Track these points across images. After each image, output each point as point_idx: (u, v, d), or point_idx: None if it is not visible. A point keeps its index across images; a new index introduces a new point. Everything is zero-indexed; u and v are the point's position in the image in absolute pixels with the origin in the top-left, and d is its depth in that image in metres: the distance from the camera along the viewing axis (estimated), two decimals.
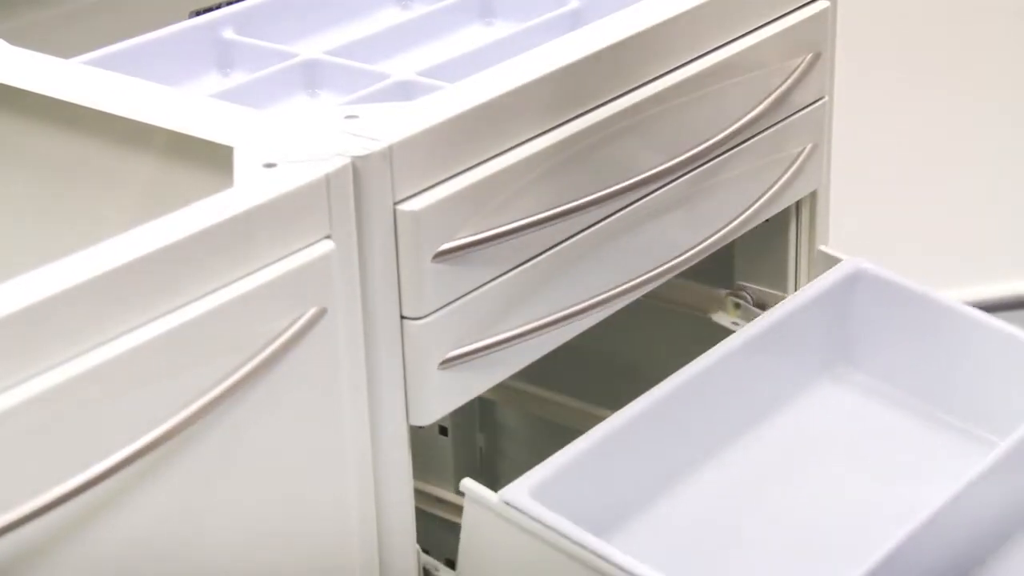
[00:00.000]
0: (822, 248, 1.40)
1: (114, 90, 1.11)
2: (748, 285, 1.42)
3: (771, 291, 1.42)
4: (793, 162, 1.33)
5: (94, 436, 0.90)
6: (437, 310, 1.08)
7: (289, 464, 1.02)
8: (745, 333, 1.30)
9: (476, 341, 1.11)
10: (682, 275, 1.29)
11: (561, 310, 1.16)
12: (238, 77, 1.27)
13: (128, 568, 0.94)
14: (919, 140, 2.37)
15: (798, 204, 1.40)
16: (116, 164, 1.10)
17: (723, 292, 1.44)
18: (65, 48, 1.22)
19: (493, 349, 1.12)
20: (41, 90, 1.11)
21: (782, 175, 1.32)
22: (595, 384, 1.49)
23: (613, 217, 1.18)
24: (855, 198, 1.89)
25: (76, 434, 0.89)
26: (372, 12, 1.38)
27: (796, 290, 1.40)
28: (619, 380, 1.40)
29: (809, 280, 1.40)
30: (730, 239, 1.29)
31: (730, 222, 1.28)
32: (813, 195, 1.40)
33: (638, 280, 1.21)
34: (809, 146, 1.34)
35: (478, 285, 1.10)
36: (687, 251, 1.25)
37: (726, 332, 1.36)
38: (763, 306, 1.41)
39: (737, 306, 1.43)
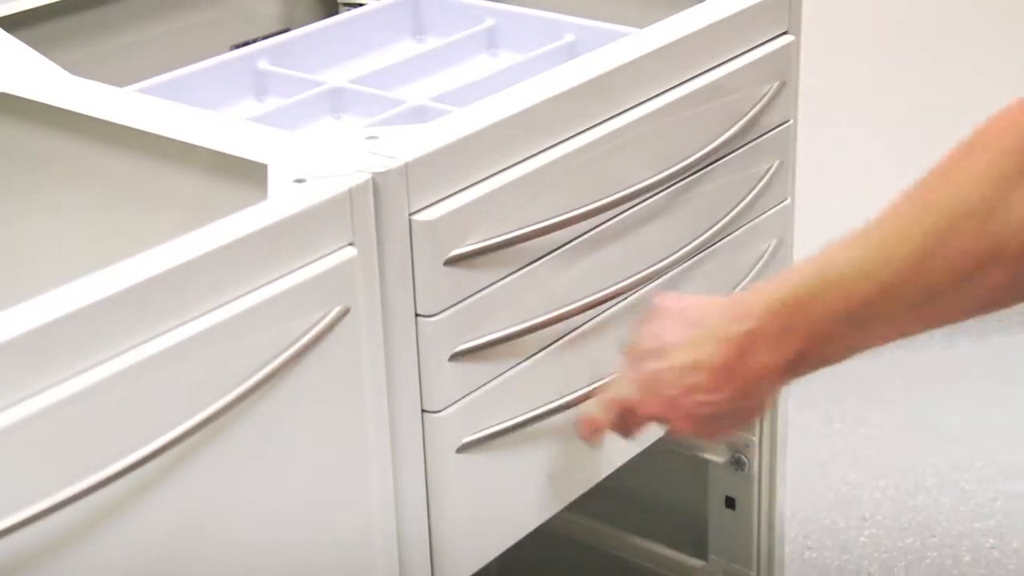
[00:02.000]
0: None
1: (163, 114, 1.11)
2: None
3: None
4: (763, 177, 1.32)
5: (145, 422, 0.90)
6: (448, 308, 1.07)
7: (317, 446, 1.01)
8: None
9: (483, 336, 1.10)
10: None
11: (559, 308, 1.15)
12: (272, 103, 1.27)
13: (160, 557, 0.93)
14: (875, 156, 2.37)
15: None
16: (165, 180, 1.10)
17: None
18: (120, 77, 1.22)
19: (498, 344, 1.11)
20: (98, 114, 1.11)
21: (753, 188, 1.31)
22: None
23: (605, 225, 1.18)
24: (817, 207, 1.89)
25: (129, 420, 0.89)
26: (390, 45, 1.39)
27: None
28: None
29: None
30: (709, 246, 1.28)
31: (708, 229, 1.27)
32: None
33: (627, 282, 1.20)
34: (776, 163, 1.33)
35: (485, 286, 1.10)
36: (670, 255, 1.24)
37: None
38: None
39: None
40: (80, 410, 0.86)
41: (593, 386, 1.18)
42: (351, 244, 1.00)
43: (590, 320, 1.19)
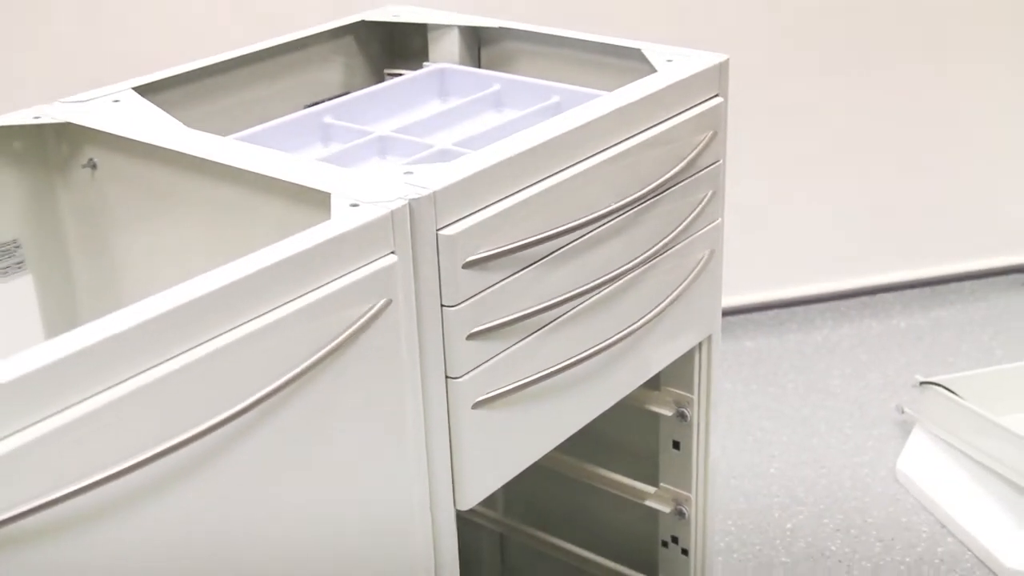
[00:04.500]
0: None
1: (254, 156, 1.09)
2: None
3: None
4: (699, 203, 1.30)
5: (237, 388, 0.88)
6: (466, 300, 1.05)
7: (366, 406, 0.99)
8: None
9: (492, 321, 1.08)
10: None
11: (549, 300, 1.13)
12: (334, 147, 1.24)
13: (216, 524, 0.90)
14: (787, 190, 2.35)
15: None
16: (254, 204, 1.08)
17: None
18: (223, 129, 1.21)
19: (504, 327, 1.09)
20: (206, 156, 1.09)
21: (693, 211, 1.29)
22: None
23: (583, 238, 1.15)
24: (739, 227, 1.87)
25: (224, 389, 0.87)
26: (422, 104, 1.37)
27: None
28: None
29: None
30: (659, 254, 1.25)
31: (658, 242, 1.25)
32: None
33: (600, 280, 1.18)
34: (710, 192, 1.31)
35: (493, 283, 1.08)
36: (631, 261, 1.21)
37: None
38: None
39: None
40: (194, 375, 0.84)
41: (573, 358, 1.16)
42: (393, 252, 0.98)
43: (572, 309, 1.17)
